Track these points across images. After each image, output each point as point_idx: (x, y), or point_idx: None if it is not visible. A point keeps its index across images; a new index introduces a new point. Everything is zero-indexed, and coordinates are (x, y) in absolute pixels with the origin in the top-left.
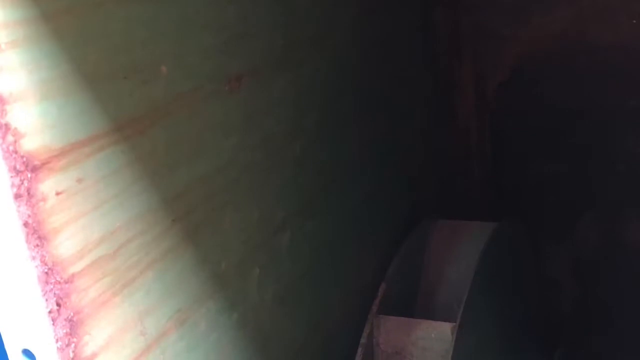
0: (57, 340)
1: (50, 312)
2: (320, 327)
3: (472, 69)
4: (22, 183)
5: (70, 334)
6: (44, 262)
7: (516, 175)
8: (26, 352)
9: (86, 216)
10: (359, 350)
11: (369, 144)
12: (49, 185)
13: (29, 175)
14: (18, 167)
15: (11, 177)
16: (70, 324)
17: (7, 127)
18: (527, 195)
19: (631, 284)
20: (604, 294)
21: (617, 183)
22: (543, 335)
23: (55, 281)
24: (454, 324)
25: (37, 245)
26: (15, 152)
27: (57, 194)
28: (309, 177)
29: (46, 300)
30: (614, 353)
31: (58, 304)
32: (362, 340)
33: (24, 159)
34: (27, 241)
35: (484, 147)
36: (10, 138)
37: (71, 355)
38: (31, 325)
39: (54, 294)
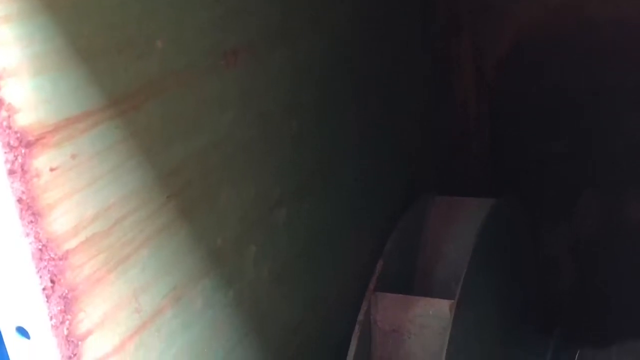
0: (51, 318)
1: (44, 289)
2: (318, 305)
3: (471, 45)
4: (16, 159)
5: (65, 311)
6: (38, 239)
7: (515, 154)
8: (20, 330)
9: (80, 192)
10: (356, 327)
11: (367, 123)
12: (43, 161)
13: (23, 151)
14: (12, 142)
15: (5, 152)
16: (64, 301)
17: (0, 102)
18: (526, 174)
19: (630, 264)
20: (603, 273)
21: (618, 162)
22: (541, 314)
23: (50, 258)
24: (452, 301)
25: (31, 222)
26: (9, 127)
27: (52, 169)
28: (306, 155)
29: (40, 277)
30: (613, 332)
31: (52, 281)
32: (360, 318)
33: (18, 135)
34: (21, 217)
35: (483, 125)
36: (4, 113)
37: (65, 332)
38: (25, 302)
39: (48, 270)
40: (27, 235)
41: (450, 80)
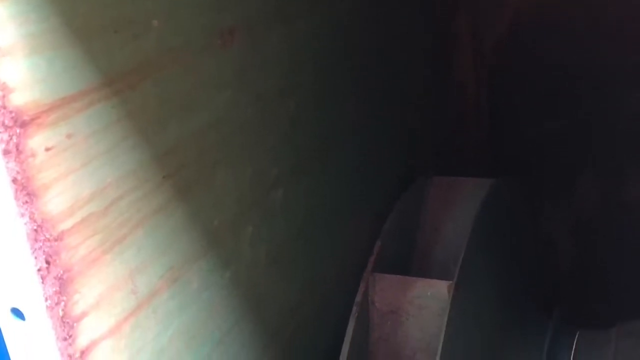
0: (46, 299)
1: (39, 270)
2: (315, 286)
3: (469, 26)
4: (11, 139)
5: (60, 293)
6: (33, 219)
7: (514, 135)
8: (15, 311)
9: (76, 172)
10: (354, 309)
11: (366, 103)
12: (38, 141)
13: (18, 131)
14: (7, 122)
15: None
16: (59, 282)
17: None
18: (525, 155)
19: (630, 244)
20: (603, 253)
21: (617, 143)
22: (541, 294)
23: (45, 238)
24: (451, 282)
25: (26, 202)
26: (4, 107)
27: (47, 149)
28: (303, 135)
29: (35, 258)
30: (613, 314)
31: (47, 262)
32: (357, 299)
33: (13, 114)
34: (16, 198)
35: (482, 107)
36: None
37: (61, 313)
38: (20, 283)
39: (43, 251)
40: (22, 215)
41: (448, 62)
